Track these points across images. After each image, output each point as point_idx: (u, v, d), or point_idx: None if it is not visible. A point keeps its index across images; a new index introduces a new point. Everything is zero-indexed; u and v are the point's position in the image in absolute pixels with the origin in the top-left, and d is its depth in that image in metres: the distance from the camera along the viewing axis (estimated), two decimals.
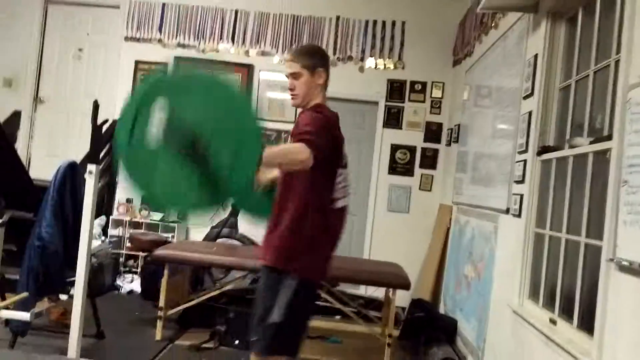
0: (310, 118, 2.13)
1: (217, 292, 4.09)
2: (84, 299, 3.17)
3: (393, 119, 5.84)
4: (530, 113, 3.04)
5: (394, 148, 5.84)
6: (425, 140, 5.82)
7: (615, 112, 2.02)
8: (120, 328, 4.16)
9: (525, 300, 2.89)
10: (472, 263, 4.07)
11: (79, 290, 3.15)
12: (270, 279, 2.21)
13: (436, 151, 5.81)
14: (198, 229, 5.84)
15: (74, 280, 3.19)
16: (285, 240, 2.15)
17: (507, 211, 3.29)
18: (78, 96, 6.24)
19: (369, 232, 5.83)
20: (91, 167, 3.22)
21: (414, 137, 5.83)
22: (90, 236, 3.19)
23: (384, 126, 5.85)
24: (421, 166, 5.82)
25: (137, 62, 6.03)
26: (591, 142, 2.32)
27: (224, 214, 5.51)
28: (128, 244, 5.32)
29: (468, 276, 4.12)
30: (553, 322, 2.49)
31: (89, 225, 3.18)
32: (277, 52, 5.93)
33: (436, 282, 5.09)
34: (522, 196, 3.04)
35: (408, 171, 5.83)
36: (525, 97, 3.17)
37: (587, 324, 2.19)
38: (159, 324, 4.02)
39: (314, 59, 2.27)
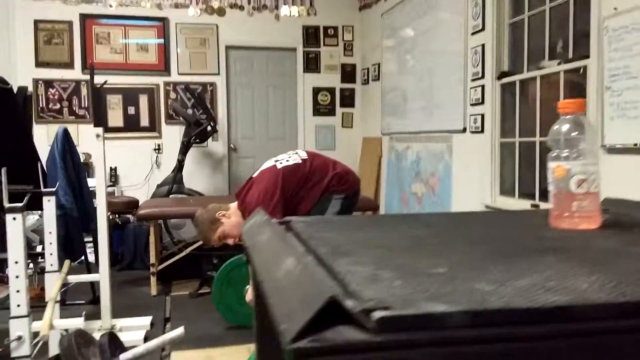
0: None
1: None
2: (108, 265, 3.21)
3: (312, 64, 6.21)
4: (483, 45, 3.67)
5: (316, 91, 6.25)
6: (342, 81, 6.31)
7: (590, 37, 2.69)
8: None
9: (498, 197, 3.62)
10: (420, 181, 4.75)
11: (103, 257, 3.18)
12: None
13: (353, 90, 6.35)
14: (130, 189, 5.76)
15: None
16: None
17: (464, 130, 3.96)
18: None
19: None
20: (98, 131, 3.21)
21: (332, 79, 6.29)
22: (105, 204, 3.20)
23: (304, 71, 6.20)
24: (341, 105, 6.34)
25: (36, 22, 5.55)
26: (559, 64, 3.00)
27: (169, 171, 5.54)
28: None
29: (417, 193, 4.81)
30: (535, 206, 3.24)
31: (104, 191, 3.19)
32: (191, 3, 5.86)
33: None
34: (482, 115, 3.70)
35: (330, 111, 6.31)
36: (473, 33, 3.79)
37: None
38: (153, 280, 4.12)
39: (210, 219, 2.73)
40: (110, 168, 5.75)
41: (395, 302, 0.48)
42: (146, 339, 3.22)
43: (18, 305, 1.87)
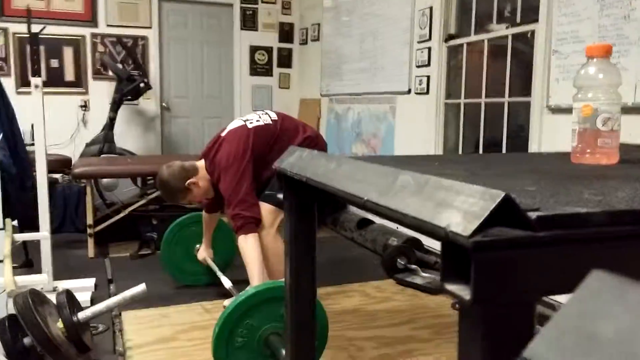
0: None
1: (145, 201, 4.11)
2: (49, 224, 3.04)
3: (249, 21, 6.05)
4: (431, 8, 3.75)
5: (253, 50, 6.11)
6: (280, 41, 6.21)
7: (540, 3, 2.83)
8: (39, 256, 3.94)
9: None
10: (362, 142, 4.84)
11: (44, 216, 3.00)
12: None
13: (290, 50, 6.27)
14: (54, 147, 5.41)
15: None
16: None
17: (409, 91, 4.06)
18: None
19: None
20: (36, 81, 2.98)
21: (269, 38, 6.17)
22: (44, 162, 3.00)
23: (241, 28, 6.03)
24: (279, 66, 6.25)
25: None
26: (507, 27, 3.14)
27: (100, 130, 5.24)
28: None
29: (358, 153, 4.90)
30: None
31: (44, 148, 2.99)
32: None
33: None
34: (428, 77, 3.81)
35: (267, 71, 6.21)
36: None
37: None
38: (90, 241, 3.94)
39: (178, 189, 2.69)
40: (32, 125, 5.35)
41: (536, 207, 0.50)
42: (92, 300, 3.10)
43: None
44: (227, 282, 2.85)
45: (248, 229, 2.47)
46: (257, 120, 2.68)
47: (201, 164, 2.76)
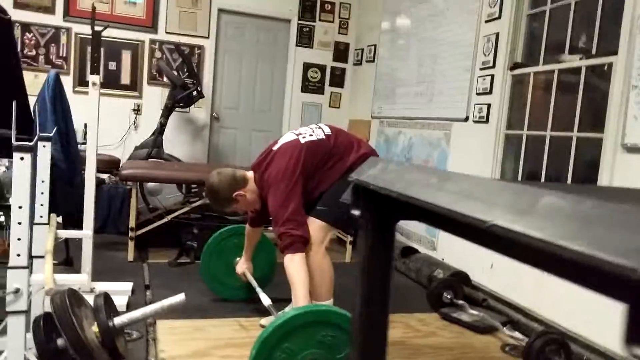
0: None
1: (188, 208, 4.07)
2: (92, 224, 3.01)
3: (305, 38, 6.04)
4: (497, 34, 3.61)
5: (306, 67, 6.09)
6: (334, 60, 6.17)
7: (621, 35, 2.66)
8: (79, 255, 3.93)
9: None
10: None
11: (89, 215, 2.98)
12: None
13: (344, 70, 6.22)
14: (105, 148, 5.48)
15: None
16: None
17: (467, 119, 3.91)
18: None
19: None
20: (94, 79, 2.99)
21: (324, 57, 6.13)
22: (94, 160, 2.99)
23: (296, 45, 6.02)
24: (330, 84, 6.20)
25: None
26: (581, 59, 2.97)
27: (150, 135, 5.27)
28: None
29: None
30: None
31: (95, 146, 2.98)
32: None
33: None
34: (489, 105, 3.65)
35: (319, 89, 6.17)
36: (488, 21, 3.72)
37: None
38: (131, 245, 3.92)
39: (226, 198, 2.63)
40: (85, 125, 5.44)
41: None
42: (128, 305, 3.05)
43: (18, 255, 1.68)
44: (266, 300, 2.74)
45: (296, 248, 2.36)
46: (310, 135, 2.60)
47: (251, 175, 2.70)
